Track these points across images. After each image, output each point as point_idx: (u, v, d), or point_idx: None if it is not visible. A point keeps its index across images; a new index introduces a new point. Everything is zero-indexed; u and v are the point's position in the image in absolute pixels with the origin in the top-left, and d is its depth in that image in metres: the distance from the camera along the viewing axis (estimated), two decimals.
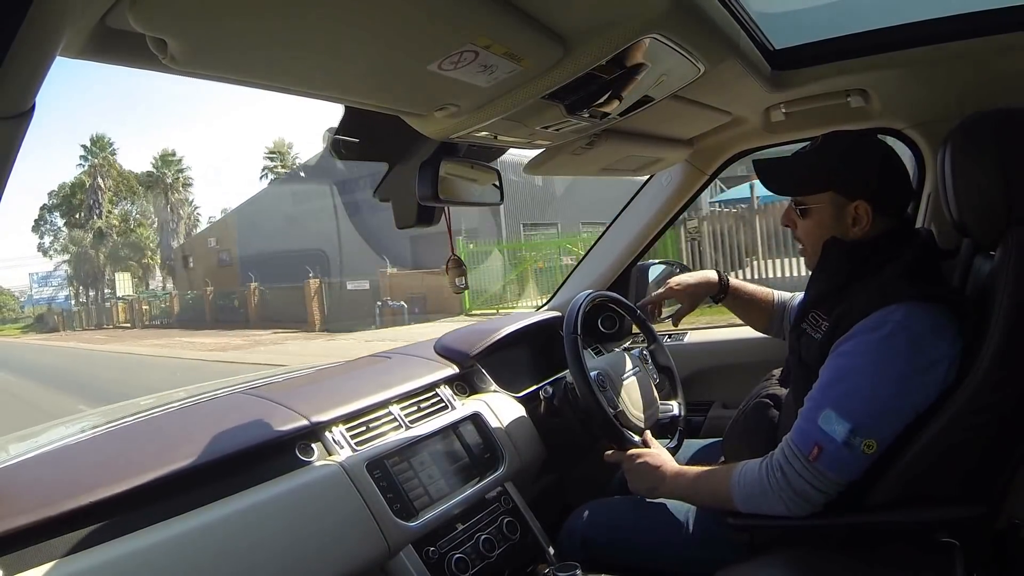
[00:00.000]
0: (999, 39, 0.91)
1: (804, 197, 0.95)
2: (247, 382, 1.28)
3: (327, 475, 0.91)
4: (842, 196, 0.91)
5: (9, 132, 0.40)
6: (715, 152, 1.51)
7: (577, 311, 1.19)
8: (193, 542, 0.74)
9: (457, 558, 0.96)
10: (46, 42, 0.37)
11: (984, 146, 0.81)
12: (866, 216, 0.90)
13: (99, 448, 0.91)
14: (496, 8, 0.56)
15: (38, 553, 0.67)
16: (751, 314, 1.31)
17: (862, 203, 0.90)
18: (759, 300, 1.29)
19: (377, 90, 0.68)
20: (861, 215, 0.90)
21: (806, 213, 0.95)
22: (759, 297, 1.29)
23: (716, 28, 0.75)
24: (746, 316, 1.33)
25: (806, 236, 0.97)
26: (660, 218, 1.61)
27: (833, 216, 0.92)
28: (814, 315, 0.94)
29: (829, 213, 0.92)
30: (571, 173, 1.36)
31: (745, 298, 1.29)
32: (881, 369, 0.81)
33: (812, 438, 0.82)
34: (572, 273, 1.74)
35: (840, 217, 0.92)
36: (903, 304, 0.81)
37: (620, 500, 1.15)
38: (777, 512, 0.85)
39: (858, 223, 0.91)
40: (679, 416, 1.32)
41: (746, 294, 1.29)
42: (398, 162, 1.02)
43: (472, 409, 1.18)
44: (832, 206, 0.92)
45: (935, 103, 1.19)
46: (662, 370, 1.39)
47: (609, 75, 0.74)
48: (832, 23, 0.99)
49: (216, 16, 0.45)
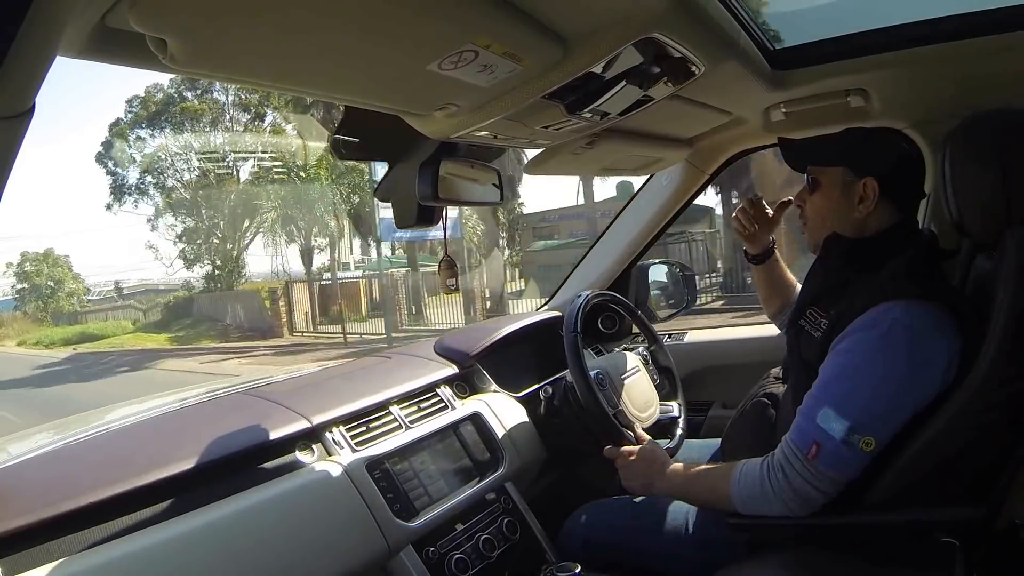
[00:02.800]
0: (999, 39, 0.91)
1: (817, 169, 0.96)
2: (247, 383, 1.28)
3: (327, 476, 0.91)
4: (853, 173, 0.92)
5: (9, 132, 0.40)
6: (715, 152, 1.51)
7: (577, 310, 1.19)
8: (194, 543, 0.74)
9: (457, 558, 0.96)
10: (46, 42, 0.37)
11: (984, 146, 0.82)
12: (873, 195, 0.90)
13: (100, 449, 0.91)
14: (496, 8, 0.56)
15: (39, 554, 0.67)
16: (774, 293, 1.29)
17: (871, 180, 0.90)
18: (787, 283, 1.28)
19: (377, 90, 0.68)
20: (868, 193, 0.90)
21: (816, 186, 0.96)
22: (787, 281, 1.28)
23: (716, 28, 0.75)
24: (767, 292, 1.30)
25: (814, 212, 0.98)
26: (660, 218, 1.61)
27: (841, 191, 0.93)
28: (812, 312, 0.94)
29: (838, 188, 0.93)
30: (571, 173, 1.36)
31: (777, 273, 1.28)
32: (880, 367, 0.81)
33: (811, 436, 0.82)
34: (572, 273, 1.74)
35: (848, 195, 0.92)
36: (902, 301, 0.81)
37: (620, 501, 1.15)
38: (776, 512, 0.85)
39: (864, 201, 0.91)
40: (679, 417, 1.32)
41: (780, 269, 1.28)
42: (398, 162, 1.03)
43: (472, 409, 1.18)
44: (842, 181, 0.93)
45: (935, 103, 1.19)
46: (662, 371, 1.39)
47: (609, 75, 0.74)
48: (832, 23, 0.99)
49: (216, 16, 0.45)
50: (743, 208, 1.23)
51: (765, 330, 1.53)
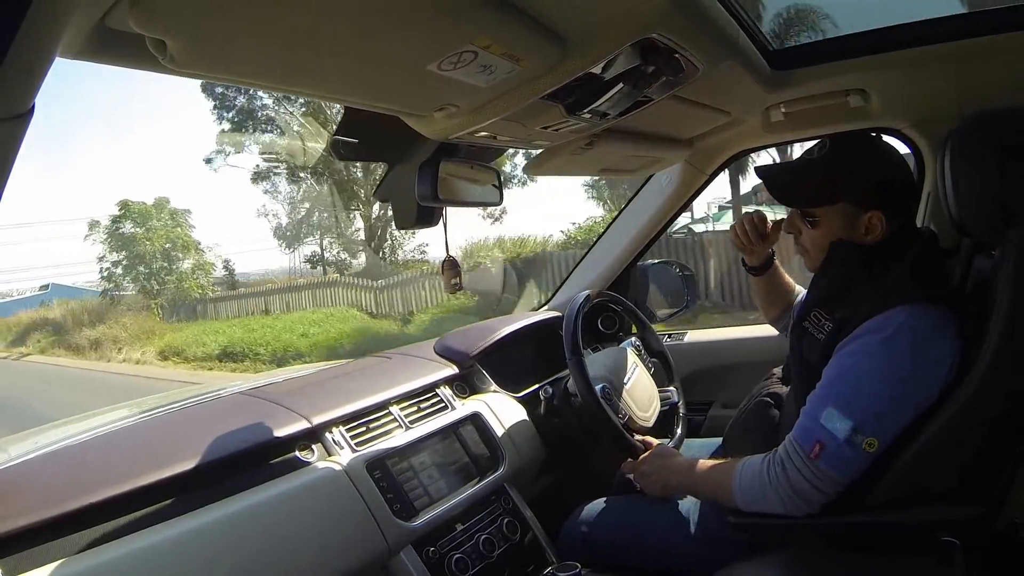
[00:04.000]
0: (999, 39, 0.91)
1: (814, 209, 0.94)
2: (248, 383, 1.28)
3: (327, 476, 0.91)
4: (854, 207, 0.90)
5: (9, 133, 0.40)
6: (714, 152, 1.51)
7: (577, 312, 1.19)
8: (194, 543, 0.74)
9: (457, 558, 0.96)
10: (46, 42, 0.37)
11: (984, 146, 0.82)
12: (880, 225, 0.90)
13: (100, 449, 0.91)
14: (496, 8, 0.56)
15: (39, 554, 0.67)
16: (773, 302, 1.28)
17: (876, 213, 0.89)
18: (786, 289, 1.27)
19: (377, 91, 0.68)
20: (875, 224, 0.90)
21: (815, 224, 0.94)
22: (788, 288, 1.27)
23: (715, 28, 0.75)
24: (767, 299, 1.29)
25: (812, 243, 0.95)
26: (659, 218, 1.61)
27: (844, 226, 0.91)
28: (816, 314, 0.94)
29: (840, 223, 0.92)
30: (571, 173, 1.36)
31: (778, 281, 1.26)
32: (884, 369, 0.81)
33: (814, 436, 0.83)
34: (572, 273, 1.74)
35: (853, 226, 0.91)
36: (907, 306, 0.82)
37: (620, 500, 1.15)
38: (774, 511, 0.85)
39: (871, 232, 0.90)
40: (677, 402, 1.33)
41: (781, 277, 1.26)
42: (398, 162, 1.03)
43: (472, 409, 1.18)
44: (843, 216, 0.91)
45: (935, 103, 1.18)
46: (655, 355, 1.39)
47: (609, 75, 0.74)
48: (832, 23, 0.99)
49: (216, 17, 0.45)
50: (743, 223, 1.21)
51: (765, 330, 1.53)
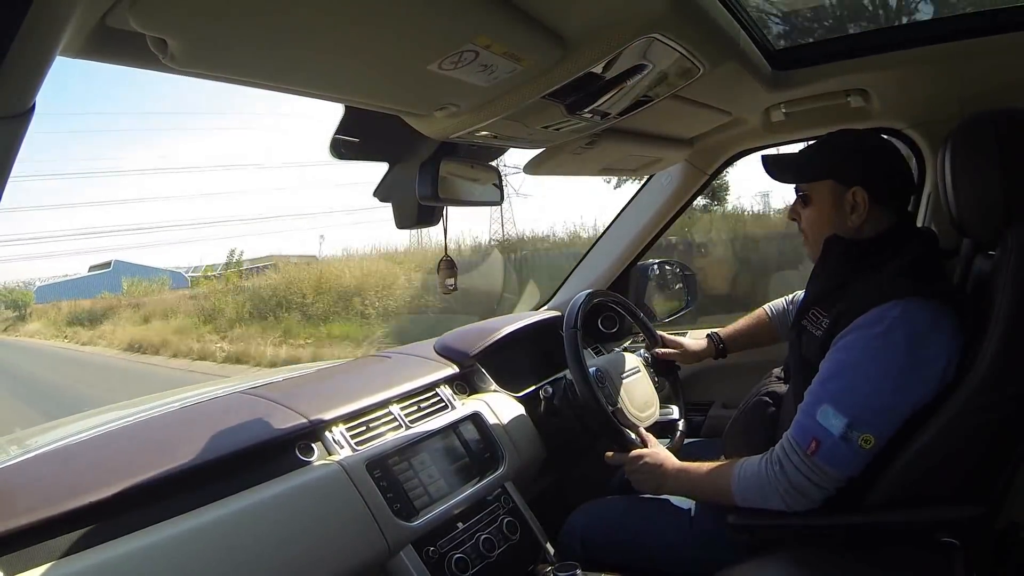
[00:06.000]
0: (999, 39, 0.91)
1: (806, 185, 0.99)
2: (247, 382, 1.28)
3: (327, 475, 0.91)
4: (840, 184, 0.94)
5: (9, 132, 0.40)
6: (715, 152, 1.51)
7: (577, 308, 1.19)
8: (193, 542, 0.74)
9: (457, 558, 0.96)
10: (46, 42, 0.37)
11: (984, 146, 0.82)
12: (863, 203, 0.92)
13: (100, 448, 0.91)
14: (496, 8, 0.56)
15: (39, 553, 0.67)
16: (758, 343, 1.35)
17: (859, 189, 0.92)
18: (757, 329, 1.34)
19: (377, 90, 0.68)
20: (858, 202, 0.92)
21: (807, 201, 0.99)
22: (755, 326, 1.34)
23: (716, 28, 0.75)
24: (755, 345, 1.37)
25: (809, 226, 1.00)
26: (660, 218, 1.61)
27: (832, 204, 0.95)
28: (814, 312, 0.94)
29: (829, 201, 0.95)
30: (571, 173, 1.36)
31: (744, 340, 1.35)
32: (879, 364, 0.81)
33: (810, 432, 0.83)
34: (572, 273, 1.74)
35: (839, 205, 0.94)
36: (902, 300, 0.82)
37: (620, 500, 1.15)
38: (774, 507, 0.86)
39: (855, 210, 0.93)
40: (678, 420, 1.32)
41: (743, 336, 1.35)
42: (398, 162, 1.03)
43: (472, 409, 1.18)
44: (832, 194, 0.95)
45: (935, 103, 1.19)
46: (663, 373, 1.38)
47: (609, 75, 0.74)
48: (832, 23, 0.99)
49: (216, 16, 0.45)
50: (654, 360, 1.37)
51: None
